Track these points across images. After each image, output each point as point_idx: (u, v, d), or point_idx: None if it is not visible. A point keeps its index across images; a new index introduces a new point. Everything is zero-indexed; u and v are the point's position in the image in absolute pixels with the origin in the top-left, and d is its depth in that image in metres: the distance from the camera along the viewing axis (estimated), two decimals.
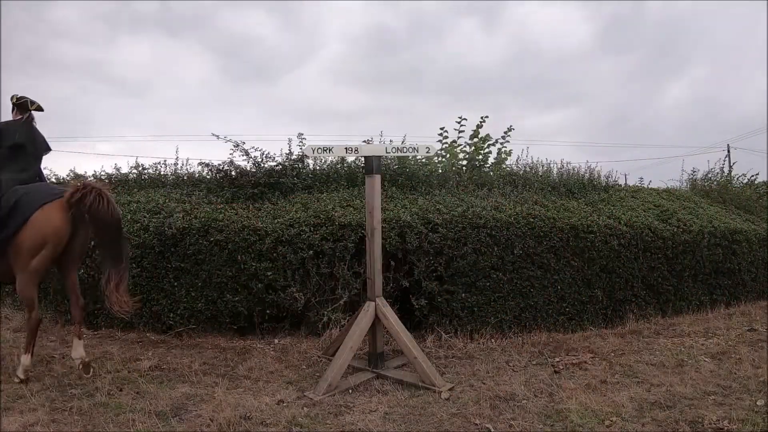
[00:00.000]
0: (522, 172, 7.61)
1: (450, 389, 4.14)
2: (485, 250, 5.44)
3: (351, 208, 5.60)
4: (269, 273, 5.29)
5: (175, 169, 7.73)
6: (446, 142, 8.14)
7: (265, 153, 6.70)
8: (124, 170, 7.71)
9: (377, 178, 4.44)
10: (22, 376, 4.04)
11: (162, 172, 7.68)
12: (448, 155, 7.95)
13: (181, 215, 5.65)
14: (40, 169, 4.62)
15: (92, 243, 5.84)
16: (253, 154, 6.68)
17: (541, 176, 7.48)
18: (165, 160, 7.85)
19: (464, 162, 7.91)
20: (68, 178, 8.45)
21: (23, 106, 4.52)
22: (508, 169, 7.91)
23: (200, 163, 7.06)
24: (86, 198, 3.98)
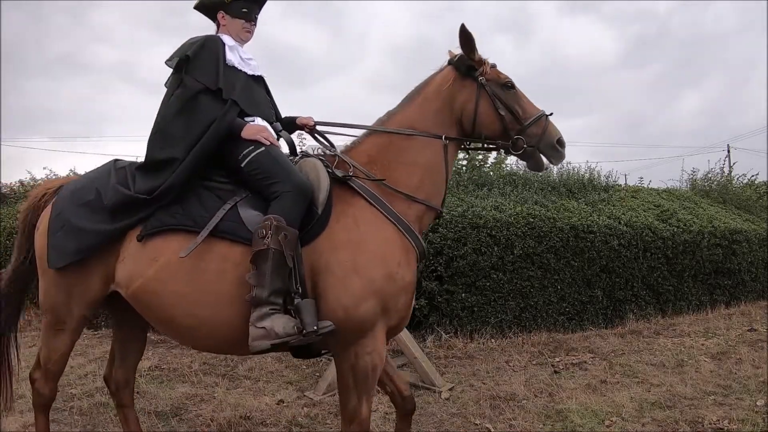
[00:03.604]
0: (522, 172, 7.60)
1: (450, 389, 4.13)
2: (485, 250, 5.43)
3: None
4: None
5: None
6: None
7: None
8: None
9: None
10: None
11: None
12: None
13: None
14: None
15: None
16: None
17: (541, 176, 7.48)
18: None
19: (464, 162, 7.91)
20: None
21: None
22: (508, 169, 7.91)
23: None
24: None
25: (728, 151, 24.07)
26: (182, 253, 2.15)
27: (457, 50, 2.43)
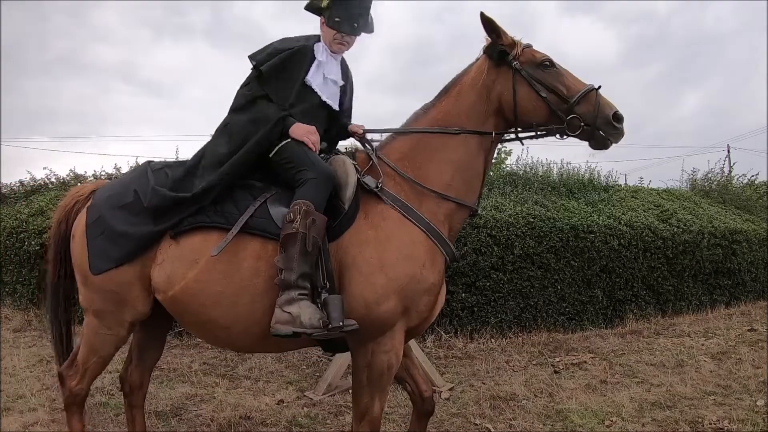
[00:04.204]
0: (522, 172, 7.60)
1: (450, 389, 4.13)
2: (485, 250, 5.43)
3: None
4: None
5: None
6: None
7: None
8: (125, 170, 7.71)
9: None
10: None
11: None
12: None
13: None
14: None
15: None
16: None
17: (541, 176, 7.47)
18: (165, 159, 7.83)
19: None
20: (68, 178, 8.46)
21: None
22: (507, 169, 7.91)
23: None
24: None
25: (728, 151, 24.05)
26: (213, 251, 2.17)
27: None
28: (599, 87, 2.22)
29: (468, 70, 2.39)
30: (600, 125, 2.16)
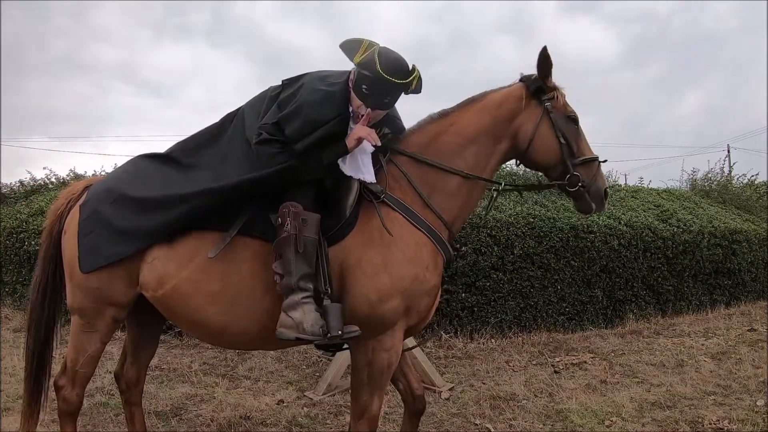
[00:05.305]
0: (522, 172, 7.59)
1: (450, 389, 4.13)
2: (485, 250, 5.43)
3: None
4: None
5: None
6: None
7: None
8: None
9: None
10: None
11: None
12: None
13: None
14: None
15: None
16: None
17: (541, 176, 7.43)
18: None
19: None
20: (68, 178, 8.46)
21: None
22: (507, 169, 7.90)
23: None
24: None
25: (728, 151, 24.04)
26: (210, 254, 2.17)
27: (527, 72, 2.37)
28: (605, 161, 2.38)
29: (500, 90, 2.40)
30: (592, 193, 2.30)
